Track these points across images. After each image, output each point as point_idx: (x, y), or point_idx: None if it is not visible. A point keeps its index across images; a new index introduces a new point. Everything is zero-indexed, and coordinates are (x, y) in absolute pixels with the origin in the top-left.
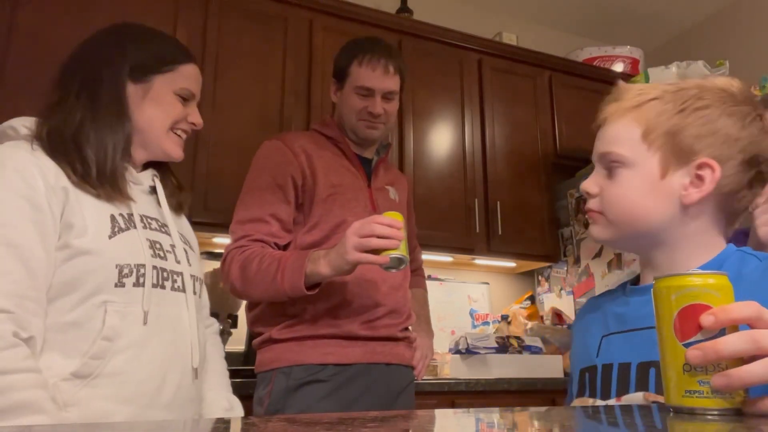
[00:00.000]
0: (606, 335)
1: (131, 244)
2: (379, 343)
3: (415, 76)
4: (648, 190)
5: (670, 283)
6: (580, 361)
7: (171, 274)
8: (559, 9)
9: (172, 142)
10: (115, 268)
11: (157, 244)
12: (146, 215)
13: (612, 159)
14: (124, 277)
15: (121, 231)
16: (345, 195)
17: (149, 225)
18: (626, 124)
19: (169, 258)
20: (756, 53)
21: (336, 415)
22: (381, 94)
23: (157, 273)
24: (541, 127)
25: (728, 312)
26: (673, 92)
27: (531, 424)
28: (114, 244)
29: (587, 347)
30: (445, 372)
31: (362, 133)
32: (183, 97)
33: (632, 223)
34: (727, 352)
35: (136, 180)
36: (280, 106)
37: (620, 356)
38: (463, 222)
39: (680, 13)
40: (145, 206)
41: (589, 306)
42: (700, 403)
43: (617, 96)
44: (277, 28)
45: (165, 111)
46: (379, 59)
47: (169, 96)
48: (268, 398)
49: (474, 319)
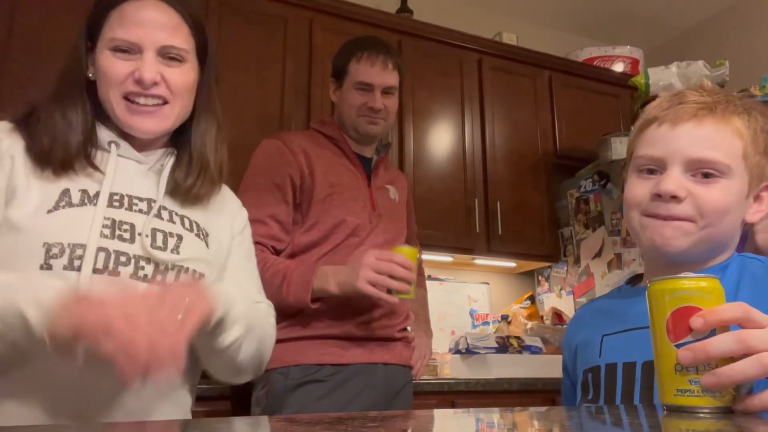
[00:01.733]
0: (606, 335)
1: (73, 220)
2: (376, 344)
3: (415, 76)
4: (737, 204)
5: (664, 285)
6: (582, 363)
7: (138, 259)
8: (559, 9)
9: (122, 111)
10: (42, 247)
11: (124, 225)
12: (130, 194)
13: (716, 168)
14: (51, 258)
15: (68, 206)
16: (344, 194)
17: (129, 206)
18: (728, 135)
19: (141, 242)
20: (756, 53)
21: (336, 415)
22: (380, 89)
23: (106, 256)
24: (541, 127)
25: (717, 313)
26: (749, 111)
27: (531, 424)
28: (48, 220)
29: (589, 348)
30: (445, 372)
31: (363, 129)
32: (121, 50)
33: (721, 234)
34: (715, 353)
35: (133, 156)
36: (280, 106)
37: (624, 355)
38: (463, 222)
39: (680, 13)
40: (135, 186)
41: (585, 310)
42: (691, 402)
43: (698, 95)
44: (277, 28)
45: (103, 74)
46: (378, 55)
47: (103, 55)
48: (265, 398)
49: (474, 319)
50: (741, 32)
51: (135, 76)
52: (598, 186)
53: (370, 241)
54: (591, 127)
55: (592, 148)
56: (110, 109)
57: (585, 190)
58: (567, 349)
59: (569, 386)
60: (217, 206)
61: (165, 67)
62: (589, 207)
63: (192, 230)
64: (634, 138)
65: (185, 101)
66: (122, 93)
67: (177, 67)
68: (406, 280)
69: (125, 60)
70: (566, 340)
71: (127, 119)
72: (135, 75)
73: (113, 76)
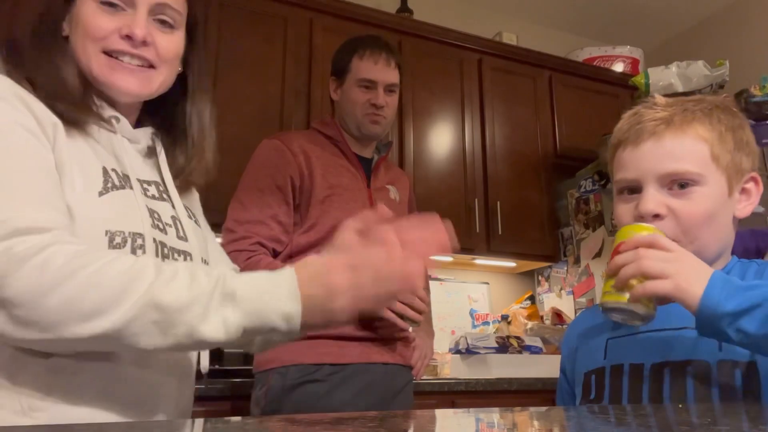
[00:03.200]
0: (612, 338)
1: (127, 206)
2: (376, 343)
3: (415, 76)
4: (721, 208)
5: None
6: (583, 366)
7: (172, 251)
8: (559, 9)
9: (101, 66)
10: (105, 236)
11: (155, 213)
12: (140, 178)
13: (688, 178)
14: (115, 247)
15: (115, 188)
16: (343, 195)
17: (146, 190)
18: (690, 143)
19: (170, 233)
20: (756, 53)
21: (336, 415)
22: (383, 86)
23: (157, 248)
24: (541, 127)
25: (632, 240)
26: (709, 114)
27: (531, 424)
28: (105, 204)
29: (591, 351)
30: (445, 372)
31: (366, 128)
32: (109, 3)
33: (711, 242)
34: (620, 260)
35: (129, 134)
36: (280, 106)
37: (631, 357)
38: (463, 222)
39: (680, 13)
40: (141, 168)
41: (586, 315)
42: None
43: (654, 112)
44: (277, 28)
45: (84, 27)
46: (381, 52)
47: (87, 6)
48: (264, 398)
49: (474, 319)
50: (741, 32)
51: (122, 32)
52: (598, 186)
53: None
54: (591, 127)
55: (592, 148)
56: (86, 66)
57: (585, 190)
58: (567, 350)
59: (566, 387)
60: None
61: (156, 30)
62: (589, 207)
63: (192, 218)
64: (610, 161)
65: (171, 71)
66: (102, 48)
67: (168, 33)
68: (422, 311)
69: (112, 14)
70: (566, 341)
71: (107, 76)
72: (123, 31)
73: (96, 29)
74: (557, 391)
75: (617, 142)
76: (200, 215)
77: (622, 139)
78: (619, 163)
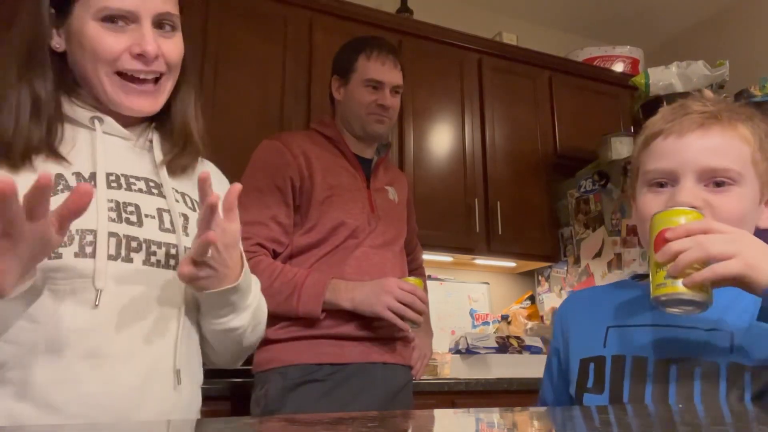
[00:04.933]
0: (612, 327)
1: None
2: (375, 343)
3: (415, 76)
4: (751, 211)
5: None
6: (579, 351)
7: (149, 244)
8: (559, 9)
9: (114, 88)
10: None
11: (129, 207)
12: (126, 174)
13: (728, 176)
14: (60, 245)
15: (66, 189)
16: (343, 196)
17: (127, 185)
18: (736, 142)
19: (149, 225)
20: (756, 53)
21: (336, 415)
22: (390, 88)
23: (117, 242)
24: (541, 127)
25: (683, 226)
26: (751, 118)
27: (531, 424)
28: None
29: (588, 337)
30: (445, 372)
31: (371, 127)
32: (111, 20)
33: None
34: (675, 247)
35: (117, 132)
36: (280, 106)
37: (634, 349)
38: (463, 222)
39: (680, 13)
40: (130, 164)
41: (580, 297)
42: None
43: (702, 105)
44: (277, 28)
45: (92, 50)
46: (388, 54)
47: (90, 26)
48: (265, 398)
49: (474, 319)
50: (741, 32)
51: (134, 51)
52: (598, 186)
53: (369, 243)
54: (591, 127)
55: (592, 148)
56: (97, 87)
57: (585, 190)
58: (559, 331)
59: (556, 369)
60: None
61: (161, 39)
62: (589, 207)
63: (195, 209)
64: (640, 152)
65: (177, 74)
66: (115, 69)
67: (171, 37)
68: (421, 312)
69: (116, 32)
70: (558, 321)
71: (122, 99)
72: (134, 50)
73: (106, 52)
74: (545, 371)
75: (657, 132)
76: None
77: (664, 128)
78: (656, 153)
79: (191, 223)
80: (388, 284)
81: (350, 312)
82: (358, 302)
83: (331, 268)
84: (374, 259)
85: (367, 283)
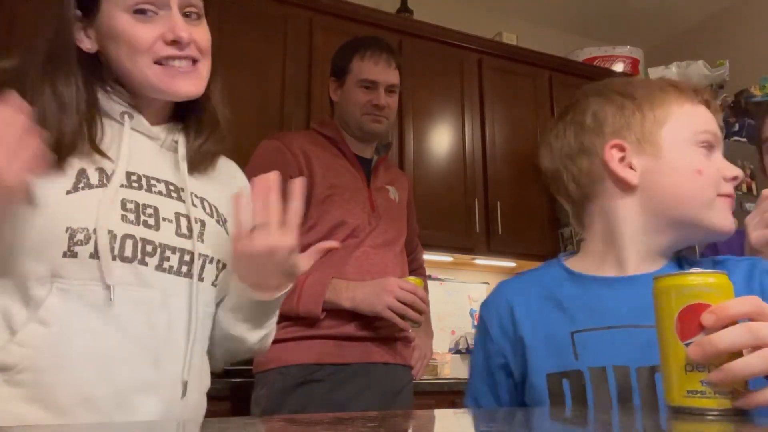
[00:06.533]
0: (577, 332)
1: (93, 202)
2: (376, 343)
3: (415, 76)
4: None
5: (671, 282)
6: (542, 364)
7: (164, 248)
8: (559, 9)
9: (159, 77)
10: (65, 232)
11: (147, 209)
12: (147, 175)
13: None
14: (76, 244)
15: (87, 187)
16: (343, 196)
17: (148, 187)
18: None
19: (166, 228)
20: (756, 53)
21: (336, 414)
22: (384, 87)
23: (134, 244)
24: (541, 127)
25: (728, 308)
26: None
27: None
28: (69, 202)
29: (553, 347)
30: (445, 372)
31: (368, 127)
32: (142, 11)
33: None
34: (723, 345)
35: (145, 130)
36: (280, 106)
37: (612, 358)
38: (463, 222)
39: (680, 13)
40: (153, 165)
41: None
42: (702, 403)
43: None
44: (277, 28)
45: (128, 42)
46: (381, 53)
47: (121, 19)
48: (265, 398)
49: (474, 319)
50: (741, 32)
51: (167, 38)
52: None
53: (369, 242)
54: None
55: None
56: (141, 80)
57: None
58: (506, 341)
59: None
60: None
61: (189, 26)
62: None
63: (212, 215)
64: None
65: (209, 60)
66: (153, 59)
67: (198, 24)
68: (422, 312)
69: (146, 23)
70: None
71: (168, 84)
72: (167, 36)
73: (141, 42)
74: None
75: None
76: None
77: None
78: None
79: (208, 229)
80: (388, 284)
81: (351, 312)
82: (359, 302)
83: (331, 268)
84: (374, 259)
85: (367, 283)
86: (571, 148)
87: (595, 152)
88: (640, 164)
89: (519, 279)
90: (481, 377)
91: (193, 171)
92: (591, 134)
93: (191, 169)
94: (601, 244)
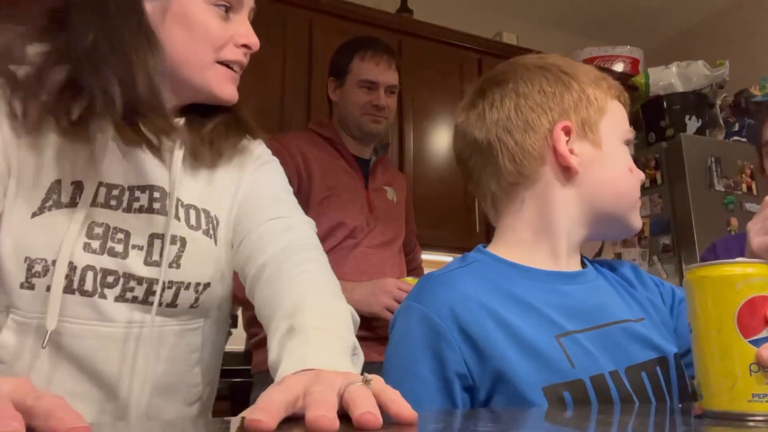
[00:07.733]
0: (562, 335)
1: (57, 229)
2: (375, 343)
3: (415, 76)
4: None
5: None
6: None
7: (129, 278)
8: (559, 9)
9: (218, 77)
10: (24, 262)
11: (117, 233)
12: (132, 185)
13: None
14: (33, 276)
15: (56, 206)
16: (341, 197)
17: (126, 203)
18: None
19: (135, 257)
20: (756, 53)
21: None
22: (384, 88)
23: (94, 276)
24: None
25: None
26: None
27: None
28: (32, 227)
29: (544, 356)
30: None
31: (367, 127)
32: (224, 6)
33: None
34: None
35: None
36: (280, 106)
37: (605, 363)
38: (463, 222)
39: (680, 13)
40: (144, 165)
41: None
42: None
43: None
44: (277, 28)
45: (203, 29)
46: (382, 54)
47: (199, 9)
48: None
49: None
50: (741, 32)
51: (239, 42)
52: None
53: (367, 243)
54: None
55: None
56: (194, 71)
57: None
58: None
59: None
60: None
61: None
62: None
63: (199, 227)
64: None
65: None
66: (218, 57)
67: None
68: None
69: (222, 18)
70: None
71: (222, 87)
72: (239, 40)
73: (219, 37)
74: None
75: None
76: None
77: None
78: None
79: (188, 248)
80: (386, 284)
81: None
82: (356, 302)
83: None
84: (372, 259)
85: (365, 284)
86: (510, 120)
87: (541, 131)
88: (581, 151)
89: (460, 273)
90: (436, 388)
91: (195, 164)
92: (538, 110)
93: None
94: (531, 233)
